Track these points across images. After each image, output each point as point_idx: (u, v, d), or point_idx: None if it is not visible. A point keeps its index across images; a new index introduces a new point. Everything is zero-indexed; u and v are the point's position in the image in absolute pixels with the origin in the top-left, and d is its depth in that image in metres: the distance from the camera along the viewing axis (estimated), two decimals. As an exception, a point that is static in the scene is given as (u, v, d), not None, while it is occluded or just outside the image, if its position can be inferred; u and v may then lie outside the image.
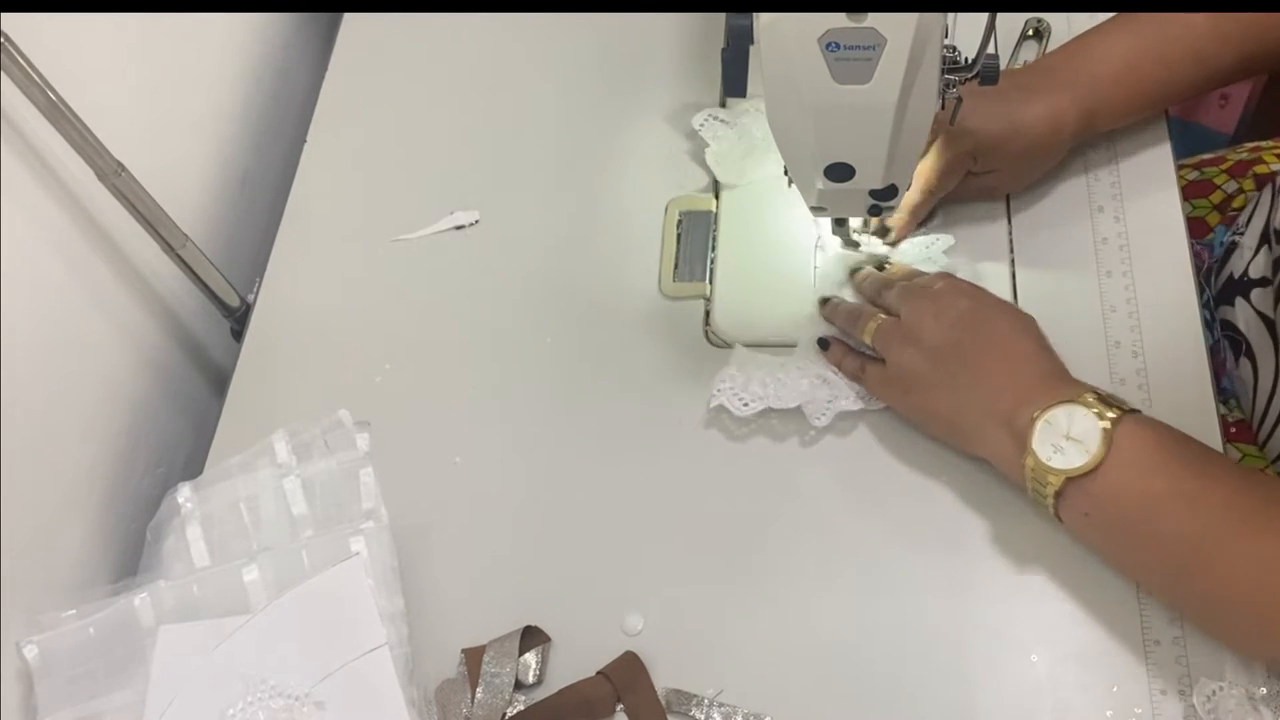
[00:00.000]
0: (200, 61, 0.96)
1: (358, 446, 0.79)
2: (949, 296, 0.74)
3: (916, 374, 0.73)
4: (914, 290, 0.76)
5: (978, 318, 0.73)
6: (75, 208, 0.80)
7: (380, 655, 0.69)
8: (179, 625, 0.70)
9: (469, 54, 1.00)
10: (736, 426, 0.79)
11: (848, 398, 0.77)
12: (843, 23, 0.61)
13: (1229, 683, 0.66)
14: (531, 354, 0.84)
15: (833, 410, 0.77)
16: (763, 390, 0.77)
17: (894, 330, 0.75)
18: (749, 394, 0.77)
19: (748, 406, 0.77)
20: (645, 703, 0.69)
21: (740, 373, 0.78)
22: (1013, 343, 0.72)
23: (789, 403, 0.77)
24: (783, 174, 0.75)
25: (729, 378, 0.78)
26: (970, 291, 0.75)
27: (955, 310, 0.73)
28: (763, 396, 0.77)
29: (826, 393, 0.77)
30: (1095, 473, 0.65)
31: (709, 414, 0.80)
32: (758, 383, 0.78)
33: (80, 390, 0.80)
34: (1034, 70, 0.84)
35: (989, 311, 0.74)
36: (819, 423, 0.77)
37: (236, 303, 0.91)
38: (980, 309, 0.74)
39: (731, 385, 0.78)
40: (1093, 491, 0.66)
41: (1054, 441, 0.67)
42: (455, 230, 0.91)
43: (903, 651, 0.70)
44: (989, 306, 0.74)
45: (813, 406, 0.77)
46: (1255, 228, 0.85)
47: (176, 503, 0.76)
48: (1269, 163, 0.98)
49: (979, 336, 0.72)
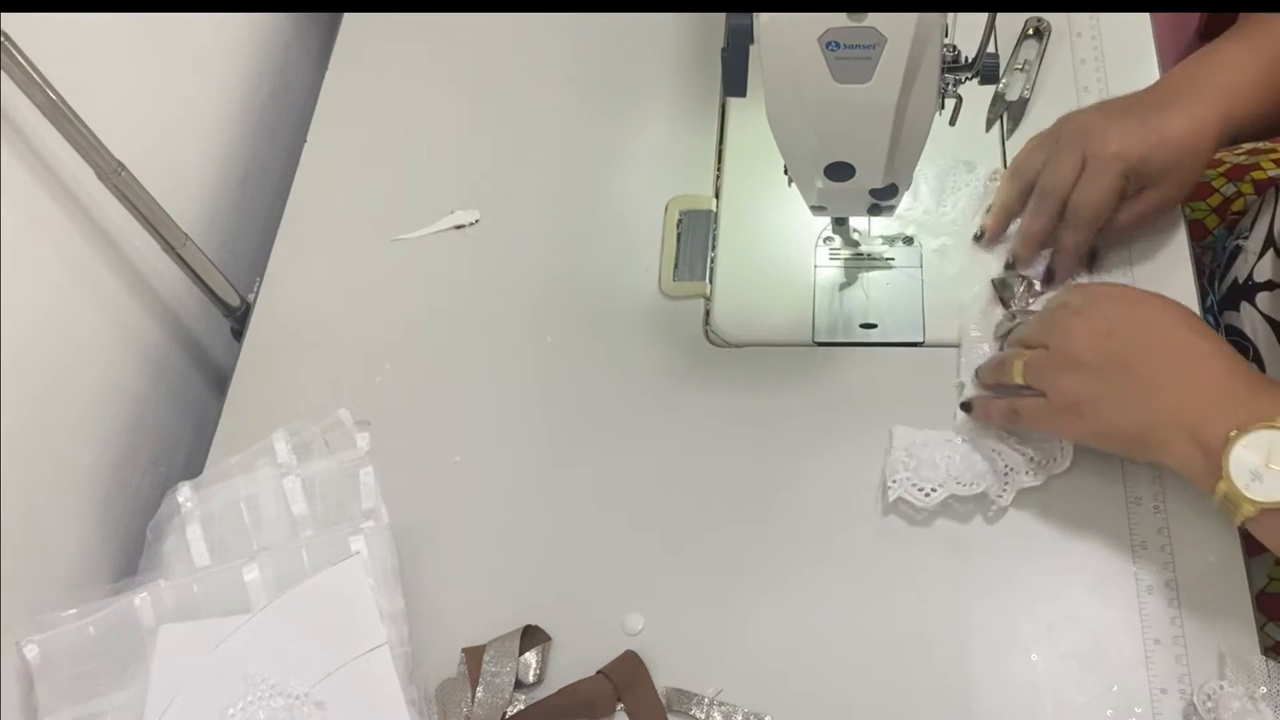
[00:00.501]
0: (200, 61, 0.96)
1: (358, 446, 0.79)
2: (1095, 305, 0.69)
3: (1084, 397, 0.67)
4: (1052, 313, 0.71)
5: (1134, 319, 0.68)
6: (75, 208, 0.80)
7: (380, 655, 0.69)
8: (179, 625, 0.70)
9: (469, 54, 1.00)
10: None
11: (1027, 471, 0.73)
12: (843, 22, 0.61)
13: (1229, 682, 0.66)
14: (531, 353, 0.84)
15: (1014, 488, 0.73)
16: (936, 474, 0.73)
17: (1045, 360, 0.69)
18: (923, 479, 0.73)
19: (929, 496, 0.73)
20: (645, 702, 0.69)
21: (910, 456, 0.74)
22: (1180, 340, 0.66)
23: (971, 488, 0.73)
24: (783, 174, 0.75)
25: (901, 464, 0.74)
26: (1114, 293, 0.70)
27: (1106, 318, 0.68)
28: (942, 483, 0.73)
29: (1004, 468, 0.73)
30: None
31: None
32: (929, 465, 0.74)
33: (80, 390, 0.80)
34: (1162, 86, 0.80)
35: (1144, 310, 0.68)
36: (1002, 502, 0.73)
37: (236, 303, 0.91)
38: (1133, 309, 0.68)
39: (908, 474, 0.73)
40: None
41: (1253, 468, 0.61)
42: (455, 230, 0.91)
43: (903, 651, 0.70)
44: (1141, 304, 0.69)
45: (994, 487, 0.73)
46: (1259, 232, 0.85)
47: (176, 502, 0.76)
48: (1266, 168, 0.98)
49: (1141, 340, 0.67)
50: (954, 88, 0.70)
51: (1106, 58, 0.92)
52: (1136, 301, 0.70)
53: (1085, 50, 0.93)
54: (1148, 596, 0.70)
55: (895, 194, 0.74)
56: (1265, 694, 0.65)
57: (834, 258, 0.86)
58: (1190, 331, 0.67)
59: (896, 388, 0.80)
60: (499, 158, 0.94)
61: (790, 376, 0.81)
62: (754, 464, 0.78)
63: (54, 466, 0.77)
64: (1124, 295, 0.71)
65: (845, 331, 0.83)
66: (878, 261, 0.85)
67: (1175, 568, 0.71)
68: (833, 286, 0.85)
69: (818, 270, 0.85)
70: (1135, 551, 0.72)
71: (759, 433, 0.79)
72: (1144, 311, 0.69)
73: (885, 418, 0.78)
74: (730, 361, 0.82)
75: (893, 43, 0.61)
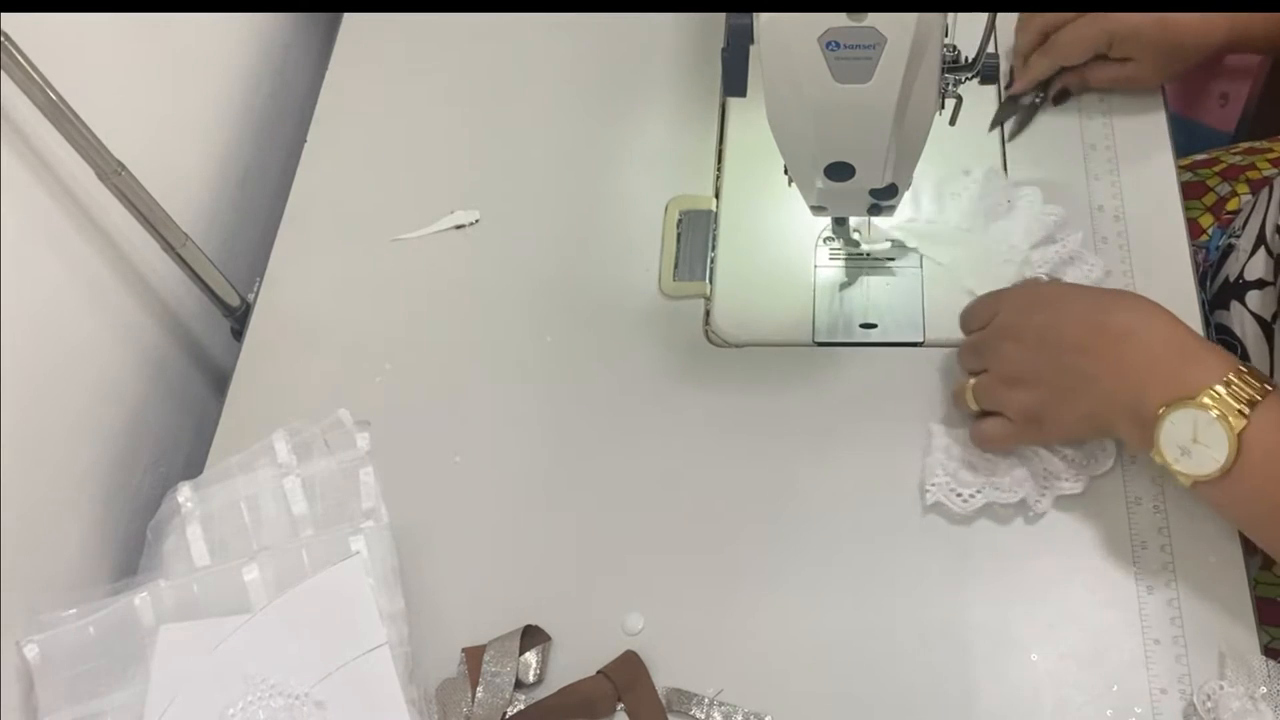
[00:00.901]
0: (200, 61, 0.96)
1: (358, 446, 0.79)
2: (1016, 317, 0.71)
3: (1036, 407, 0.70)
4: (984, 338, 0.73)
5: (1057, 321, 0.69)
6: (75, 208, 0.80)
7: (380, 655, 0.69)
8: (179, 625, 0.70)
9: (469, 54, 1.00)
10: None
11: (1067, 478, 0.73)
12: (843, 22, 0.61)
13: (1229, 682, 0.66)
14: (531, 353, 0.84)
15: (1053, 493, 0.73)
16: (975, 478, 0.73)
17: (990, 384, 0.72)
18: (961, 483, 0.73)
19: (968, 502, 0.73)
20: (645, 702, 0.69)
21: (949, 458, 0.74)
22: (1104, 325, 0.68)
23: (1010, 494, 0.72)
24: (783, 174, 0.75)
25: (940, 466, 0.74)
26: (1036, 301, 0.72)
27: (1032, 330, 0.70)
28: (981, 489, 0.73)
29: (1043, 474, 0.73)
30: (1228, 475, 0.63)
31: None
32: (967, 468, 0.74)
33: (80, 390, 0.80)
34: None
35: (1066, 309, 0.70)
36: (1039, 508, 0.73)
37: (236, 302, 0.91)
38: (1055, 312, 0.70)
39: (947, 477, 0.73)
40: (1227, 490, 0.64)
41: (1180, 443, 0.64)
42: (455, 230, 0.91)
43: (903, 651, 0.70)
44: (1062, 303, 0.70)
45: (1032, 493, 0.73)
46: (1251, 230, 0.85)
47: (176, 502, 0.76)
48: (1261, 169, 0.98)
49: (1067, 339, 0.69)
50: (954, 88, 0.70)
51: (1106, 58, 0.92)
52: (1057, 302, 0.71)
53: (1085, 50, 0.93)
54: (1148, 596, 0.70)
55: (895, 194, 0.74)
56: (1265, 694, 0.65)
57: (834, 258, 0.86)
58: (1108, 311, 0.68)
59: (896, 388, 0.80)
60: (499, 158, 0.94)
61: (790, 376, 0.81)
62: (754, 464, 0.78)
63: (54, 466, 0.77)
64: (1045, 300, 0.72)
65: (845, 331, 0.83)
66: (878, 261, 0.85)
67: (1175, 568, 0.71)
68: (833, 286, 0.85)
69: (818, 270, 0.85)
70: (1135, 551, 0.72)
71: (759, 433, 0.79)
72: (1066, 310, 0.70)
73: (885, 418, 0.78)
74: (730, 361, 0.82)
75: (893, 43, 0.61)
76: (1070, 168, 0.86)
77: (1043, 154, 0.88)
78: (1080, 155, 0.87)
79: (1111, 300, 0.71)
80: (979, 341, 0.74)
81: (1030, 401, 0.70)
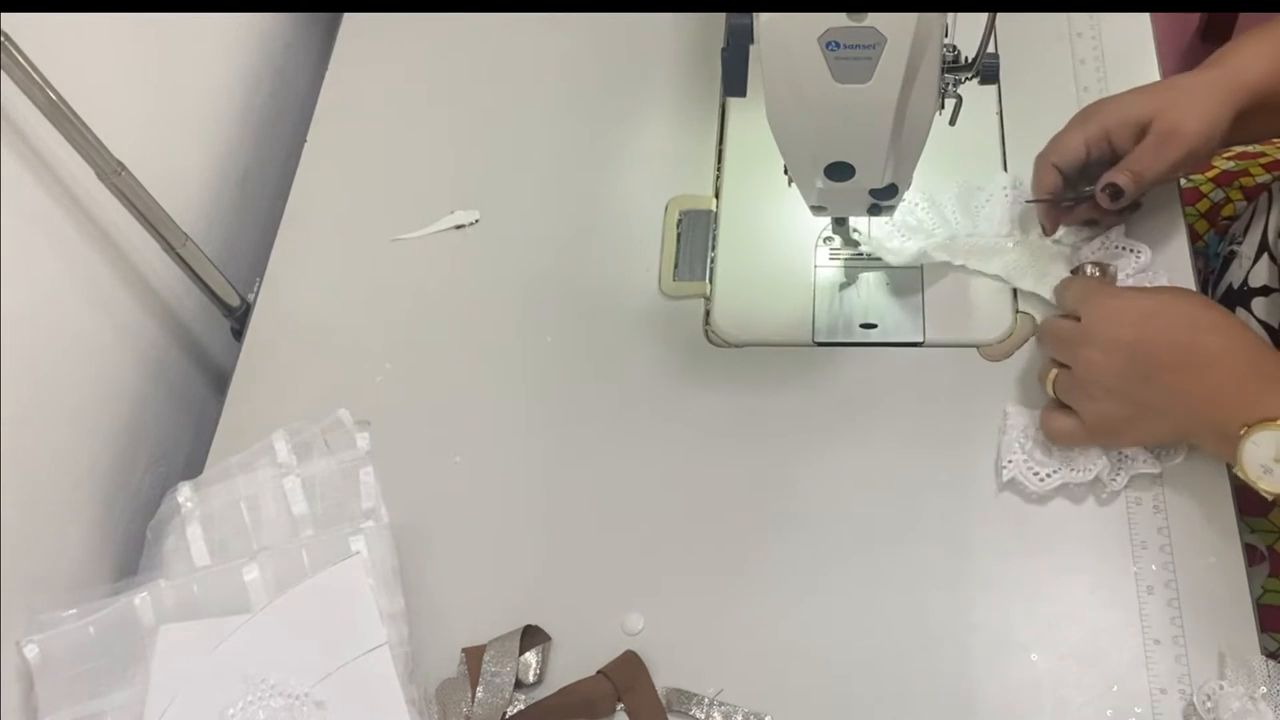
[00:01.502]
0: (200, 61, 0.96)
1: (358, 446, 0.79)
2: (1107, 329, 0.70)
3: (1115, 419, 0.71)
4: (1072, 336, 0.72)
5: (1148, 339, 0.69)
6: (75, 208, 0.80)
7: (380, 655, 0.69)
8: (179, 625, 0.70)
9: (469, 54, 1.00)
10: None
11: (1145, 460, 0.73)
12: (843, 22, 0.61)
13: (1229, 683, 0.66)
14: (531, 353, 0.84)
15: (1128, 473, 0.73)
16: (1050, 459, 0.74)
17: (1073, 384, 0.72)
18: (1039, 463, 0.74)
19: (1044, 482, 0.73)
20: (645, 702, 0.69)
21: (1025, 438, 0.75)
22: (1191, 345, 0.69)
23: (1085, 474, 0.73)
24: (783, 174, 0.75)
25: (1017, 445, 0.74)
26: (1124, 312, 0.71)
27: (1122, 345, 0.70)
28: (1057, 469, 0.73)
29: (1118, 456, 0.74)
30: None
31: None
32: (1042, 448, 0.74)
33: (80, 390, 0.80)
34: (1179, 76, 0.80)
35: (1155, 328, 0.70)
36: (1114, 486, 0.73)
37: (236, 303, 0.91)
38: (1146, 329, 0.70)
39: (1024, 455, 0.74)
40: None
41: (1262, 463, 0.65)
42: (455, 230, 0.91)
43: (903, 651, 0.70)
44: (1152, 319, 0.70)
45: (1107, 472, 0.73)
46: (1253, 237, 0.85)
47: (176, 502, 0.76)
48: (1255, 174, 0.98)
49: (1157, 360, 0.69)
50: (954, 88, 0.70)
51: (1106, 58, 0.92)
52: (1148, 320, 0.70)
53: (1085, 50, 0.93)
54: (1148, 596, 0.70)
55: (895, 194, 0.74)
56: (1265, 694, 0.65)
57: (834, 258, 0.86)
58: (1199, 332, 0.69)
59: (896, 388, 0.80)
60: (499, 158, 0.94)
61: (790, 376, 0.81)
62: (754, 464, 0.78)
63: (54, 466, 0.77)
64: (1137, 316, 0.71)
65: (845, 331, 0.83)
66: (878, 261, 0.85)
67: (1175, 568, 0.71)
68: (833, 286, 0.85)
69: (818, 270, 0.85)
70: (1135, 551, 0.72)
71: (759, 433, 0.79)
72: (1157, 329, 0.70)
73: (885, 418, 0.78)
74: (730, 361, 0.82)
75: (893, 43, 0.61)
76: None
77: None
78: (1080, 155, 0.86)
79: (1200, 316, 0.70)
80: (1067, 336, 0.72)
81: (1110, 413, 0.71)
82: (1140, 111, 0.77)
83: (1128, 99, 0.78)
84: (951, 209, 0.85)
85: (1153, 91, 0.78)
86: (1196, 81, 0.77)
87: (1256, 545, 0.84)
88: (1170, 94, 0.77)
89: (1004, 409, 0.77)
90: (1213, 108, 0.77)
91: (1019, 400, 0.77)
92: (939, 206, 0.85)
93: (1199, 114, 0.77)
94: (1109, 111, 0.78)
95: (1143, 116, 0.77)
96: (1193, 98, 0.77)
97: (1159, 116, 0.76)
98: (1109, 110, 0.78)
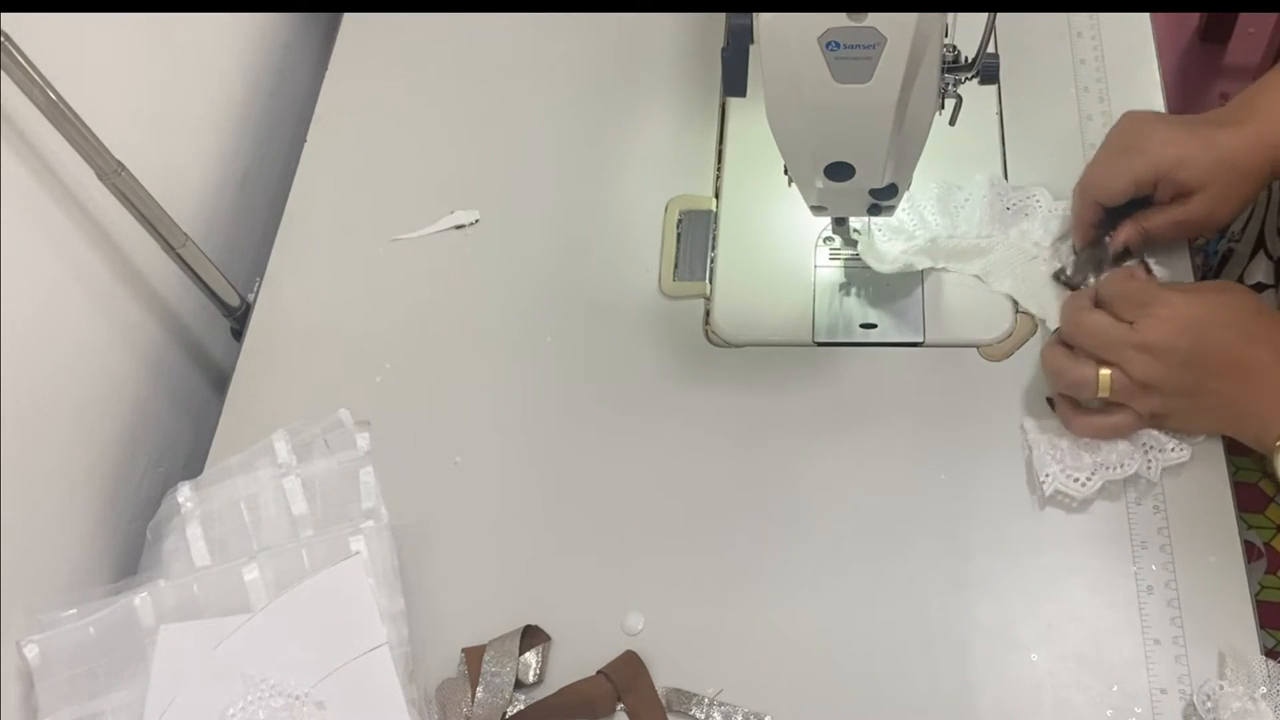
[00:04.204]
0: (200, 61, 0.96)
1: (358, 446, 0.79)
2: (1163, 337, 0.70)
3: (1166, 412, 0.72)
4: (1124, 339, 0.71)
5: (1202, 349, 0.70)
6: (75, 208, 0.80)
7: (380, 655, 0.69)
8: (179, 625, 0.70)
9: (469, 54, 1.00)
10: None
11: (1172, 448, 0.74)
12: (843, 22, 0.61)
13: (1229, 682, 0.66)
14: (531, 354, 0.84)
15: (1159, 465, 0.73)
16: (1085, 461, 0.73)
17: (1127, 384, 0.71)
18: (1074, 469, 0.73)
19: (1085, 486, 0.73)
20: (645, 702, 0.69)
21: (1054, 448, 0.74)
22: (1241, 357, 0.70)
23: (1122, 471, 0.73)
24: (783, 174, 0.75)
25: (1050, 458, 0.74)
26: (1177, 316, 0.71)
27: (1177, 352, 0.70)
28: (1094, 471, 0.73)
29: (1144, 445, 0.74)
30: None
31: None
32: (1072, 454, 0.74)
33: (80, 390, 0.80)
34: (1225, 109, 0.79)
35: (1210, 338, 0.70)
36: (1150, 476, 0.73)
37: (236, 303, 0.91)
38: (1200, 338, 0.70)
39: (1059, 466, 0.73)
40: None
41: None
42: (455, 230, 0.91)
43: (903, 651, 0.70)
44: (1206, 328, 0.70)
45: (1141, 465, 0.73)
46: (1250, 234, 0.85)
47: (176, 502, 0.76)
48: None
49: (1209, 368, 0.70)
50: (954, 88, 0.70)
51: (1106, 58, 0.92)
52: (1202, 327, 0.70)
53: (1085, 50, 0.93)
54: (1148, 596, 0.70)
55: (895, 194, 0.74)
56: (1265, 694, 0.65)
57: (834, 258, 0.86)
58: (1252, 344, 0.70)
59: (896, 388, 0.80)
60: (499, 158, 0.94)
61: (790, 376, 0.81)
62: (754, 464, 0.78)
63: (54, 467, 0.77)
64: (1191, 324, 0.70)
65: (845, 331, 0.83)
66: (878, 261, 0.85)
67: (1175, 568, 0.71)
68: (833, 286, 0.85)
69: (818, 270, 0.85)
70: (1135, 551, 0.72)
71: (759, 433, 0.79)
72: (1212, 339, 0.70)
73: (885, 418, 0.78)
74: (730, 361, 0.83)
75: (893, 43, 0.61)
76: (1071, 169, 0.86)
77: (1043, 156, 0.88)
78: (1081, 157, 0.86)
79: (1253, 326, 0.71)
80: (1118, 338, 0.71)
81: (1161, 407, 0.72)
82: (1188, 177, 0.75)
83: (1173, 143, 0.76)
84: (930, 210, 0.85)
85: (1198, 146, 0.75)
86: (1238, 149, 0.75)
87: (1254, 542, 0.84)
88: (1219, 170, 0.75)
89: (1020, 424, 0.76)
90: (1251, 192, 0.76)
91: (1024, 407, 0.77)
92: (919, 208, 0.85)
93: (1237, 205, 0.77)
94: (1157, 155, 0.76)
95: (1191, 183, 0.75)
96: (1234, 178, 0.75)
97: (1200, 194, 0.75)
98: (1157, 153, 0.76)
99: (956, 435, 0.77)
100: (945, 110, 0.71)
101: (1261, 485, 0.85)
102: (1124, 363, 0.71)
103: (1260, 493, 0.85)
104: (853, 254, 0.85)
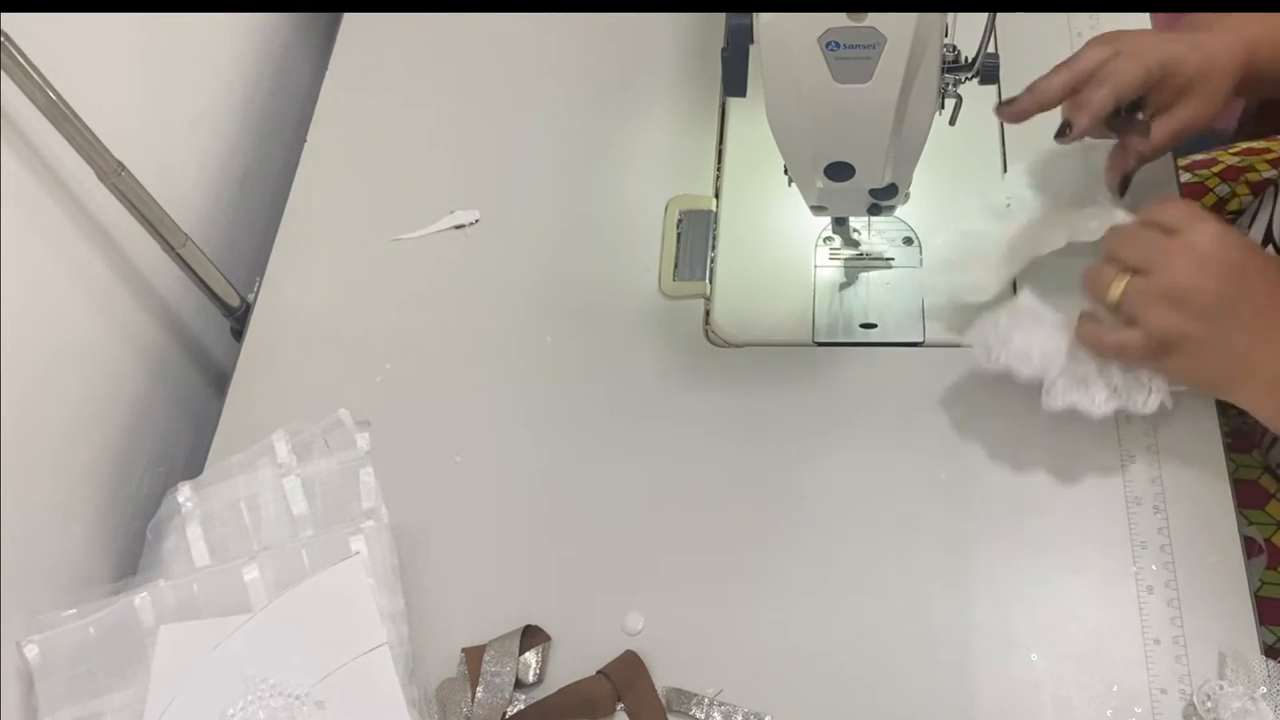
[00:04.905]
0: (200, 61, 0.96)
1: (358, 446, 0.79)
2: (1210, 244, 0.66)
3: (1179, 334, 0.67)
4: (1164, 244, 0.67)
5: (1250, 266, 0.66)
6: (75, 208, 0.80)
7: (380, 654, 0.69)
8: (179, 625, 0.70)
9: (469, 54, 1.00)
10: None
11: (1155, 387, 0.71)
12: (843, 22, 0.61)
13: (1229, 682, 0.66)
14: (531, 353, 0.84)
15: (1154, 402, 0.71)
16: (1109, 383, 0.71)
17: (1147, 290, 0.67)
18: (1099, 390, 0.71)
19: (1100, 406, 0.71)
20: (645, 702, 0.69)
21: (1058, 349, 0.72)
22: (1273, 316, 0.66)
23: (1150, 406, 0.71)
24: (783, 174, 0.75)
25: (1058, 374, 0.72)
26: (1235, 240, 0.67)
27: (1224, 263, 0.66)
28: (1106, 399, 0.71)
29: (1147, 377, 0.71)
30: None
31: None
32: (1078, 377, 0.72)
33: (80, 390, 0.80)
34: (1192, 17, 0.79)
35: (1259, 260, 0.67)
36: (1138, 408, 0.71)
37: (236, 303, 0.91)
38: (1250, 258, 0.67)
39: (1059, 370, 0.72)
40: None
41: None
42: (455, 230, 0.91)
43: (903, 651, 0.70)
44: (1258, 253, 0.68)
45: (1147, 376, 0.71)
46: (1257, 231, 0.85)
47: (176, 502, 0.76)
48: (1261, 170, 0.98)
49: (1250, 287, 0.66)
50: (954, 88, 0.70)
51: (1106, 58, 0.92)
52: (1253, 252, 0.68)
53: (1085, 50, 0.93)
54: (1148, 596, 0.70)
55: (895, 194, 0.74)
56: (1265, 694, 0.65)
57: (834, 258, 0.86)
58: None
59: (896, 388, 0.80)
60: (499, 158, 0.94)
61: (790, 376, 0.81)
62: (754, 464, 0.78)
63: (54, 466, 0.77)
64: (1242, 243, 0.68)
65: (845, 331, 0.83)
66: (878, 261, 0.85)
67: (1175, 568, 0.71)
68: (833, 286, 0.85)
69: (818, 270, 0.85)
70: (1135, 551, 0.72)
71: (759, 433, 0.79)
72: (1261, 261, 0.68)
73: (885, 418, 0.78)
74: (730, 361, 0.82)
75: (893, 43, 0.61)
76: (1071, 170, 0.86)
77: (1043, 157, 0.88)
78: (1081, 157, 0.86)
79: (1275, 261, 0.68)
80: (1158, 244, 0.68)
81: (1177, 328, 0.67)
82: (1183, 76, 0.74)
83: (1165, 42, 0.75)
84: None
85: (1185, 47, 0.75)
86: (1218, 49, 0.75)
87: (1254, 538, 0.84)
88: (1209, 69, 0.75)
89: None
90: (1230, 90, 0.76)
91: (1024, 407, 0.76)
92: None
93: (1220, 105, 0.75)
94: (1159, 49, 0.74)
95: (1184, 84, 0.75)
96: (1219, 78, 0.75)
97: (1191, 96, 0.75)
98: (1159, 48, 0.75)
99: (956, 435, 0.77)
100: (945, 110, 0.71)
101: (1261, 482, 0.85)
102: (1157, 266, 0.67)
103: (1261, 489, 0.85)
104: (853, 254, 0.85)
